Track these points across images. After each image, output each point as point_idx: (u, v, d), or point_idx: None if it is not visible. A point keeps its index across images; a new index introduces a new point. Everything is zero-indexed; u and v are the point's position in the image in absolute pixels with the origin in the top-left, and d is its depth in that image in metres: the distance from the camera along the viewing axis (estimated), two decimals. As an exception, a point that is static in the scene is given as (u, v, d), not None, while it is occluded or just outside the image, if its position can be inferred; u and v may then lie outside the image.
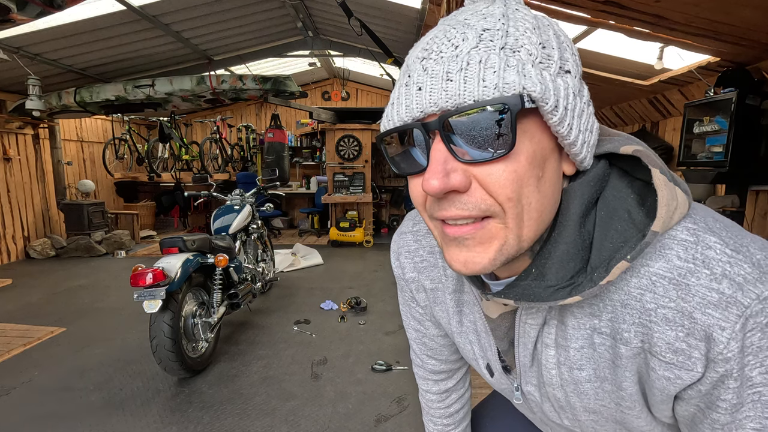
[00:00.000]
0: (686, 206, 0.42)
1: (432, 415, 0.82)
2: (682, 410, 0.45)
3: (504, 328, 0.54)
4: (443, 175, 0.38)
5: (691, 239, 0.40)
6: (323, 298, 3.74)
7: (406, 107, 0.39)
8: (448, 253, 0.44)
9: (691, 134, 3.08)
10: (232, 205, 3.30)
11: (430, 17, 3.56)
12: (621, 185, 0.45)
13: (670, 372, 0.41)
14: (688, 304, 0.39)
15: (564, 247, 0.43)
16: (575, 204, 0.44)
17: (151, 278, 2.04)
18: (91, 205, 5.90)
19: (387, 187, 7.86)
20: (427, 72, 0.38)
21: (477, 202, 0.39)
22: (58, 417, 2.03)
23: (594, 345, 0.46)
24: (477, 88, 0.36)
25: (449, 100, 0.36)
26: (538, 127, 0.39)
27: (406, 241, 0.66)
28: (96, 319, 3.34)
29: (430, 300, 0.66)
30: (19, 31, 3.93)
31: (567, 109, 0.39)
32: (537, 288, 0.44)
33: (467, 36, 0.38)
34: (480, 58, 0.36)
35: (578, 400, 0.51)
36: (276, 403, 2.15)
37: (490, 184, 0.38)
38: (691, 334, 0.39)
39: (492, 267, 0.41)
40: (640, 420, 0.50)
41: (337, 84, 8.25)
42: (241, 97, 5.06)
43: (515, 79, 0.36)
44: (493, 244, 0.41)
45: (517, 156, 0.38)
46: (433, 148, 0.39)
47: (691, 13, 2.16)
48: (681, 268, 0.39)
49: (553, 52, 0.39)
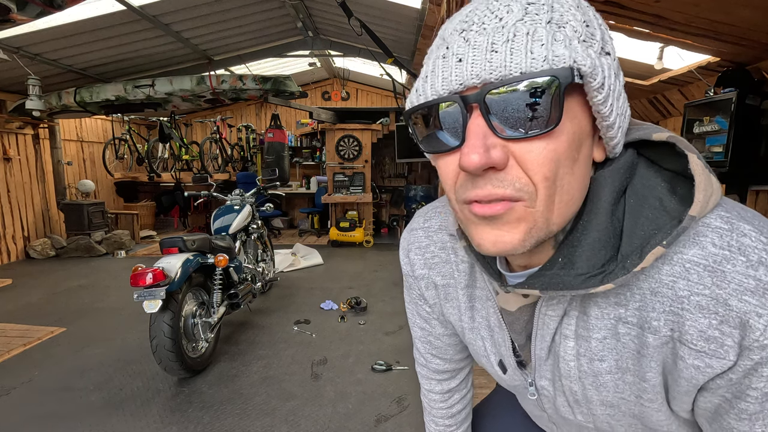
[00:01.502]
0: (719, 194, 0.41)
1: (434, 415, 0.81)
2: (706, 402, 0.45)
3: (522, 321, 0.53)
4: (484, 149, 0.36)
5: (725, 227, 0.40)
6: (323, 298, 3.74)
7: (443, 79, 0.37)
8: (477, 232, 0.42)
9: (691, 134, 3.08)
10: (232, 205, 3.30)
11: (430, 17, 3.56)
12: (649, 174, 0.45)
13: (700, 360, 0.41)
14: (724, 291, 0.38)
15: (596, 234, 0.42)
16: (606, 191, 0.43)
17: (151, 278, 2.04)
18: (91, 205, 5.90)
19: (387, 187, 7.86)
20: (469, 43, 0.37)
21: (512, 179, 0.38)
22: (58, 417, 2.04)
23: (618, 335, 0.45)
24: (525, 59, 0.34)
25: (493, 71, 0.35)
26: (579, 107, 0.38)
27: (416, 237, 0.65)
28: (96, 319, 3.34)
29: (440, 297, 0.65)
30: (19, 31, 3.93)
31: (611, 89, 0.38)
32: (566, 276, 0.43)
33: (512, 8, 0.37)
34: (527, 30, 0.35)
35: (596, 392, 0.50)
36: (276, 403, 2.15)
37: (529, 161, 0.37)
38: (725, 322, 0.38)
39: (522, 248, 0.40)
40: (660, 414, 0.49)
41: (337, 84, 8.25)
42: (241, 97, 5.06)
43: (565, 52, 0.34)
44: (522, 225, 0.40)
45: (559, 134, 0.37)
46: (472, 122, 0.37)
47: (691, 13, 2.16)
48: (716, 255, 0.39)
49: (596, 31, 0.39)
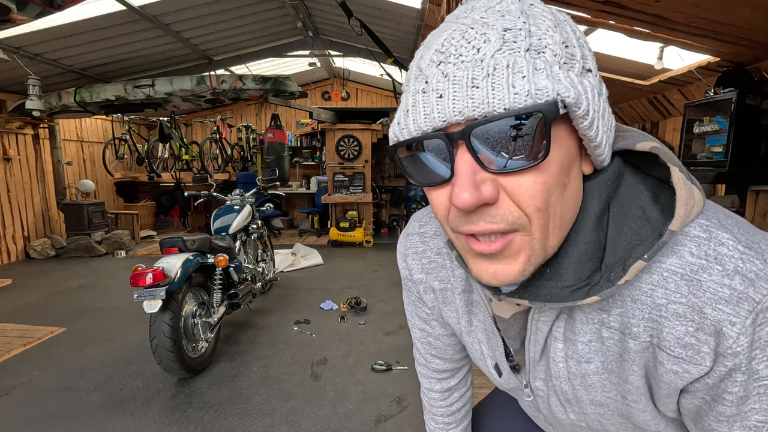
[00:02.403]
0: (701, 204, 0.41)
1: (434, 414, 0.82)
2: (688, 403, 0.46)
3: (516, 328, 0.53)
4: (474, 188, 0.36)
5: (703, 236, 0.40)
6: (323, 298, 3.74)
7: (425, 116, 0.37)
8: (476, 265, 0.42)
9: (691, 134, 3.08)
10: (232, 205, 3.30)
11: (430, 17, 3.56)
12: (634, 182, 0.45)
13: (678, 366, 0.42)
14: (699, 299, 0.39)
15: (582, 247, 0.42)
16: (593, 204, 0.43)
17: (151, 278, 2.04)
18: (91, 205, 5.89)
19: (387, 187, 7.86)
20: (448, 78, 0.35)
21: (505, 214, 0.38)
22: (58, 417, 2.03)
23: (602, 338, 0.46)
24: (507, 95, 0.33)
25: (476, 108, 0.34)
26: (566, 133, 0.38)
27: (413, 243, 0.66)
28: (96, 319, 3.34)
29: (439, 300, 0.65)
30: (19, 31, 3.93)
31: (595, 111, 0.37)
32: (553, 288, 0.43)
33: (489, 38, 0.35)
34: (507, 62, 0.34)
35: (585, 392, 0.51)
36: (276, 403, 2.15)
37: (520, 194, 0.37)
38: (700, 329, 0.39)
39: (522, 277, 0.41)
40: (646, 414, 0.50)
41: (337, 84, 8.25)
42: (241, 97, 5.06)
43: (547, 84, 0.33)
44: (521, 256, 0.40)
45: (549, 165, 0.36)
46: (459, 158, 0.36)
47: (691, 13, 2.16)
48: (693, 265, 0.39)
49: (575, 50, 0.38)
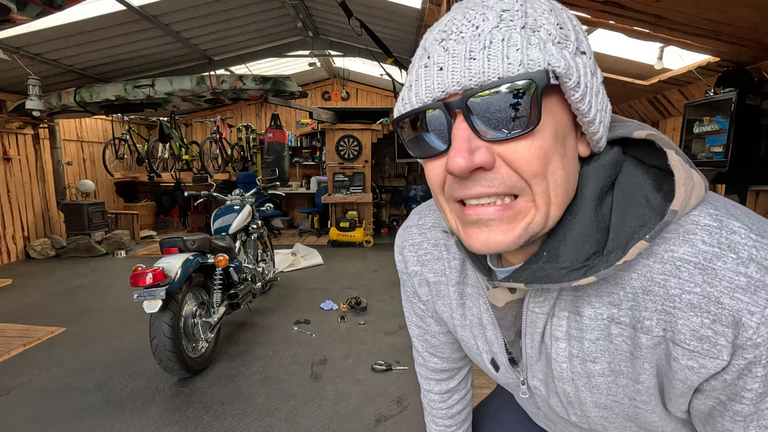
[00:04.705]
0: (702, 188, 0.42)
1: (434, 416, 0.82)
2: (700, 404, 0.44)
3: (510, 317, 0.53)
4: (468, 153, 0.38)
5: (714, 224, 0.40)
6: (323, 298, 3.74)
7: (426, 87, 0.39)
8: (467, 233, 0.43)
9: (691, 134, 3.08)
10: (232, 205, 3.30)
11: (430, 17, 3.56)
12: (636, 171, 0.45)
13: (693, 361, 0.40)
14: (715, 288, 0.38)
15: (579, 228, 0.43)
16: (590, 186, 0.44)
17: (151, 278, 2.04)
18: (91, 205, 5.89)
19: (387, 187, 7.86)
20: (448, 52, 0.38)
21: (503, 178, 0.39)
22: (58, 417, 2.03)
23: (611, 336, 0.45)
24: (501, 65, 0.36)
25: (473, 78, 0.36)
26: (558, 105, 0.40)
27: (410, 234, 0.66)
28: (96, 319, 3.34)
29: (432, 294, 0.65)
30: (19, 31, 3.93)
31: (587, 86, 0.39)
32: (550, 270, 0.43)
33: (487, 16, 0.38)
34: (503, 36, 0.37)
35: (589, 394, 0.50)
36: (276, 403, 2.15)
37: (516, 160, 0.38)
38: (717, 320, 0.38)
39: (515, 245, 0.41)
40: (654, 415, 0.48)
41: (337, 84, 8.25)
42: (241, 97, 5.06)
43: (539, 55, 0.36)
44: (521, 222, 0.41)
45: (542, 132, 0.38)
46: (456, 127, 0.39)
47: (691, 13, 2.16)
48: (706, 253, 0.39)
49: (570, 32, 0.40)
